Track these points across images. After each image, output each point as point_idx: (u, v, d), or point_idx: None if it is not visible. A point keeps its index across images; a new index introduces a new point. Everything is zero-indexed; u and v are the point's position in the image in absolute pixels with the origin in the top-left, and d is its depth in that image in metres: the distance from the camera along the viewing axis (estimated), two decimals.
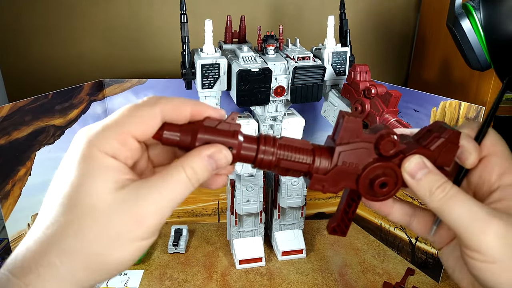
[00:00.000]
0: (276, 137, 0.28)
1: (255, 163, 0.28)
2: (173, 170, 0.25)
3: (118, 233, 0.23)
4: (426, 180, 0.27)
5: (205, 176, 0.26)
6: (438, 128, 0.28)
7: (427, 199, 0.27)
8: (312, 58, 0.66)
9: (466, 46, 0.53)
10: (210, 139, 0.26)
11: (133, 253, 0.24)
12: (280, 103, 0.69)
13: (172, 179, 0.25)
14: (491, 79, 0.68)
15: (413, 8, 0.98)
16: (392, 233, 0.83)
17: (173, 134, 0.26)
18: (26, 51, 0.93)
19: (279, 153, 0.28)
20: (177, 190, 0.25)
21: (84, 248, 0.23)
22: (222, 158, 0.26)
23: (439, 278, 0.73)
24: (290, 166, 0.28)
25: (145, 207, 0.24)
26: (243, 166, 0.73)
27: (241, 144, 0.27)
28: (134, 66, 0.96)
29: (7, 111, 0.61)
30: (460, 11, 0.52)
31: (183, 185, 0.25)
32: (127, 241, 0.24)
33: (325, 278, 0.74)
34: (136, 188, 0.24)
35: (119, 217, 0.23)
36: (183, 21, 0.62)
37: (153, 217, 0.24)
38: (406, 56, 1.03)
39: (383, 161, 0.28)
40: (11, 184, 0.63)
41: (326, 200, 0.92)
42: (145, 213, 0.24)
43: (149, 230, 0.24)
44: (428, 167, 0.27)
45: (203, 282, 0.73)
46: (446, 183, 0.26)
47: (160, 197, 0.24)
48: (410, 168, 0.27)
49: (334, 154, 0.28)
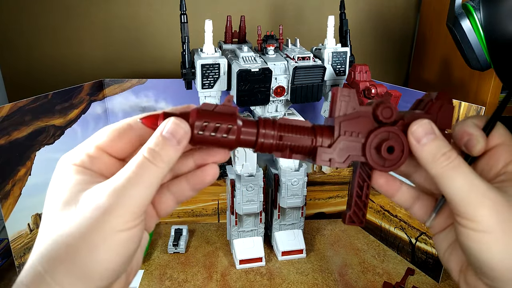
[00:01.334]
0: (276, 118, 0.28)
1: (255, 147, 0.27)
2: (135, 158, 0.25)
3: (90, 228, 0.23)
4: (432, 146, 0.26)
5: (169, 152, 0.25)
6: (428, 95, 0.29)
7: (430, 165, 0.26)
8: (312, 58, 0.66)
9: (466, 46, 0.53)
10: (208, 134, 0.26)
11: (113, 248, 0.24)
12: (280, 103, 0.69)
13: (134, 168, 0.25)
14: (491, 79, 0.68)
15: (413, 8, 0.98)
16: (392, 233, 0.83)
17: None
18: (26, 51, 0.93)
19: (280, 135, 0.27)
20: (141, 176, 0.24)
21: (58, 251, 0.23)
22: (176, 127, 0.25)
23: (439, 278, 0.73)
24: (293, 146, 0.27)
25: (108, 196, 0.24)
26: (243, 166, 0.73)
27: (240, 129, 0.26)
28: (134, 66, 0.96)
29: (7, 111, 0.61)
30: (460, 11, 0.52)
31: (145, 168, 0.25)
32: (99, 233, 0.23)
33: (325, 278, 0.74)
34: (104, 184, 0.25)
35: (87, 212, 0.24)
36: (183, 21, 0.62)
37: (119, 207, 0.24)
38: (406, 56, 1.03)
39: (383, 127, 0.27)
40: (11, 184, 0.63)
41: (326, 200, 0.92)
42: (110, 202, 0.24)
43: (120, 219, 0.24)
44: (435, 133, 0.27)
45: (203, 282, 0.73)
46: (451, 152, 0.26)
47: (123, 185, 0.24)
48: (418, 132, 0.27)
49: (335, 125, 0.27)
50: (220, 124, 0.26)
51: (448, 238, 0.30)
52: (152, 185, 0.25)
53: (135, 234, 0.25)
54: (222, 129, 0.26)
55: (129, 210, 0.24)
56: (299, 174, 0.75)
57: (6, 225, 0.63)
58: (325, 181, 0.91)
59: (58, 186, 0.25)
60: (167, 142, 0.25)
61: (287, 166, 0.76)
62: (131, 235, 0.24)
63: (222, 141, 0.26)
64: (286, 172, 0.75)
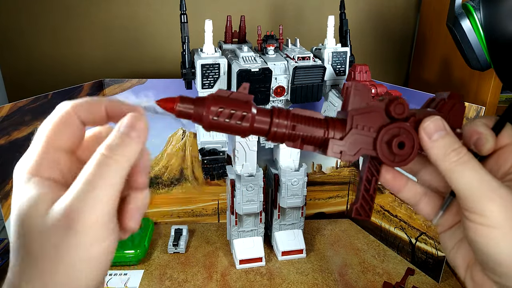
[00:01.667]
0: (290, 109, 0.28)
1: (268, 136, 0.27)
2: (93, 159, 0.23)
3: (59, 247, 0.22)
4: (442, 142, 0.27)
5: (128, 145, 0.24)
6: (440, 95, 0.29)
7: (440, 161, 0.27)
8: (312, 58, 0.66)
9: (466, 46, 0.53)
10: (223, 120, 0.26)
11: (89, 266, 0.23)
12: (280, 103, 0.69)
13: (94, 169, 0.23)
14: (491, 79, 0.68)
15: (413, 8, 0.98)
16: (392, 233, 0.83)
17: (186, 106, 0.26)
18: (26, 51, 0.93)
19: (293, 125, 0.27)
20: (99, 175, 0.23)
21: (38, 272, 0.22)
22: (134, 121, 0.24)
23: (439, 278, 0.73)
24: (305, 137, 0.28)
25: (69, 209, 0.22)
26: (243, 166, 0.73)
27: (254, 117, 0.27)
28: (134, 66, 0.96)
29: (7, 111, 0.61)
30: (460, 11, 0.52)
31: (104, 165, 0.23)
32: (71, 252, 0.22)
33: (325, 278, 0.74)
34: (63, 197, 0.23)
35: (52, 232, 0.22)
36: (183, 21, 0.62)
37: (83, 216, 0.22)
38: (406, 56, 1.03)
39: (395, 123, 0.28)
40: (11, 184, 0.63)
41: (326, 200, 0.92)
42: (72, 215, 0.22)
43: (87, 232, 0.22)
44: (446, 130, 0.27)
45: (203, 282, 0.73)
46: (461, 148, 0.26)
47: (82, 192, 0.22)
48: (429, 128, 0.27)
49: (348, 118, 0.28)
50: (235, 110, 0.26)
51: (455, 236, 0.30)
52: (116, 183, 0.23)
53: (107, 246, 0.23)
54: (237, 115, 0.26)
55: (96, 220, 0.22)
56: (299, 174, 0.75)
57: (6, 225, 0.63)
58: (325, 181, 0.91)
59: (17, 203, 0.24)
60: (127, 136, 0.24)
61: (287, 166, 0.76)
62: (104, 247, 0.23)
63: (236, 128, 0.26)
64: (286, 172, 0.75)
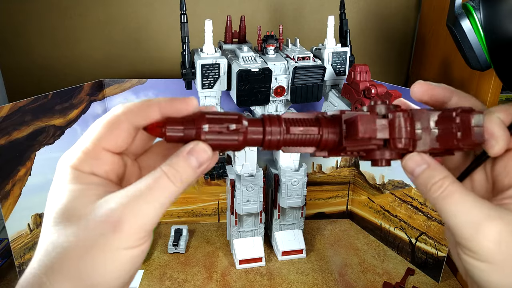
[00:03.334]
0: (280, 115, 0.28)
1: (263, 145, 0.27)
2: (153, 173, 0.24)
3: (97, 244, 0.22)
4: (422, 176, 0.26)
5: (189, 175, 0.25)
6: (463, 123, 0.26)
7: (425, 195, 0.26)
8: (312, 58, 0.66)
9: (466, 46, 0.53)
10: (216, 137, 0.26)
11: (120, 265, 0.23)
12: (280, 103, 0.69)
13: (151, 182, 0.24)
14: (491, 79, 0.68)
15: (413, 8, 0.98)
16: (392, 233, 0.83)
17: (175, 129, 0.25)
18: (26, 51, 0.93)
19: (286, 129, 0.27)
20: (157, 192, 0.24)
21: (70, 267, 0.22)
22: (202, 153, 0.25)
23: (439, 278, 0.73)
24: (300, 139, 0.27)
25: (120, 213, 0.23)
26: (243, 166, 0.73)
27: (247, 129, 0.26)
28: (134, 66, 0.96)
29: (7, 111, 0.61)
30: (460, 11, 0.52)
31: (164, 186, 0.24)
32: (108, 252, 0.22)
33: (325, 278, 0.74)
34: (114, 197, 0.24)
35: (96, 228, 0.23)
36: (183, 21, 0.62)
37: (130, 224, 0.23)
38: (406, 56, 1.03)
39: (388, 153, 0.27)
40: (11, 184, 0.63)
41: (326, 200, 0.92)
42: (121, 219, 0.23)
43: (130, 237, 0.23)
44: (427, 162, 0.26)
45: (203, 282, 0.73)
46: (444, 180, 0.25)
47: (137, 200, 0.23)
48: (408, 166, 0.27)
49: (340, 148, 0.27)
50: (226, 126, 0.26)
51: None
52: (166, 204, 0.24)
53: (143, 249, 0.24)
54: (229, 132, 0.26)
55: (141, 228, 0.23)
56: (299, 174, 0.75)
57: (6, 225, 0.63)
58: (325, 181, 0.91)
59: (58, 194, 0.24)
60: (190, 164, 0.25)
61: (287, 166, 0.76)
62: (139, 252, 0.24)
63: (230, 142, 0.26)
64: (286, 172, 0.75)
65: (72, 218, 0.23)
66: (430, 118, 0.27)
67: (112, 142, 0.26)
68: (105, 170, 0.25)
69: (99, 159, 0.25)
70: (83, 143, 0.25)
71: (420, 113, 0.27)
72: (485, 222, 0.23)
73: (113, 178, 0.26)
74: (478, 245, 0.24)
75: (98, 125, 0.25)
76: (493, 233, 0.23)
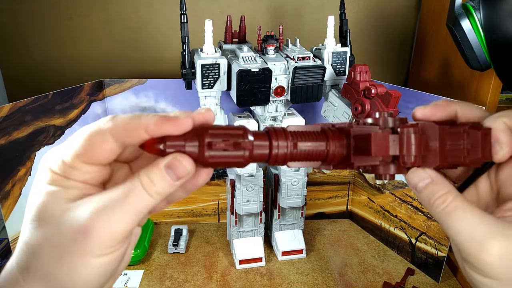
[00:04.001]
0: (285, 128, 0.27)
1: (269, 161, 0.26)
2: (130, 182, 0.24)
3: (67, 249, 0.22)
4: (425, 192, 0.26)
5: (165, 188, 0.24)
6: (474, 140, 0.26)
7: (428, 209, 0.26)
8: (312, 58, 0.66)
9: (466, 46, 0.53)
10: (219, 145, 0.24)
11: (90, 272, 0.23)
12: (280, 103, 0.69)
13: (125, 190, 0.23)
14: (491, 79, 0.68)
15: (413, 8, 0.98)
16: (392, 233, 0.83)
17: (176, 145, 0.24)
18: (26, 51, 0.93)
19: (293, 144, 0.26)
20: (131, 201, 0.23)
21: (42, 269, 0.23)
22: (180, 168, 0.24)
23: (439, 278, 0.73)
24: (307, 153, 0.26)
25: (92, 219, 0.22)
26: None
27: (253, 144, 0.25)
28: (134, 66, 0.96)
29: (7, 111, 0.61)
30: (460, 11, 0.52)
31: (139, 196, 0.23)
32: (78, 258, 0.22)
33: (325, 278, 0.74)
34: (88, 202, 0.23)
35: (67, 233, 0.22)
36: (183, 21, 0.62)
37: (102, 230, 0.22)
38: (406, 56, 1.03)
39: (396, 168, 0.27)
40: (11, 184, 0.63)
41: (326, 200, 0.92)
42: (92, 225, 0.22)
43: (101, 245, 0.23)
44: (431, 177, 0.26)
45: (203, 282, 0.73)
46: (447, 194, 0.25)
47: (109, 208, 0.23)
48: (412, 181, 0.27)
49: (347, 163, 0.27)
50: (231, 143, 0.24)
51: None
52: (140, 214, 0.24)
53: (116, 256, 0.24)
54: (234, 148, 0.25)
55: (111, 237, 0.23)
56: (299, 174, 0.75)
57: (6, 225, 0.63)
58: (325, 181, 0.91)
59: (36, 194, 0.24)
60: (166, 177, 0.24)
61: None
62: (112, 258, 0.24)
63: (234, 162, 0.25)
64: (286, 172, 0.75)
65: (45, 219, 0.23)
66: (438, 134, 0.26)
67: (93, 158, 0.24)
68: (83, 179, 0.25)
69: (77, 170, 0.24)
70: (64, 151, 0.24)
71: (429, 128, 0.26)
72: (488, 239, 0.23)
73: (94, 183, 0.25)
74: (482, 262, 0.24)
75: (81, 136, 0.24)
76: (496, 250, 0.23)
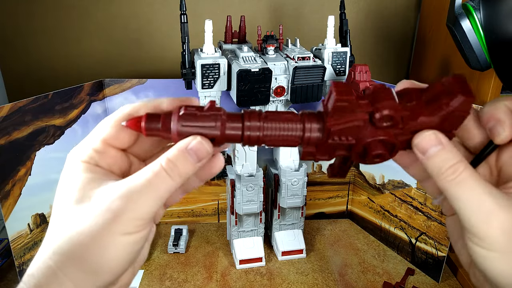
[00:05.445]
0: (262, 111, 0.27)
1: (243, 141, 0.27)
2: (152, 166, 0.25)
3: (100, 230, 0.24)
4: (437, 159, 0.25)
5: (187, 169, 0.25)
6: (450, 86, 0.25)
7: (436, 178, 0.25)
8: (312, 58, 0.66)
9: (466, 46, 0.53)
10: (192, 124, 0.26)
11: (120, 249, 0.25)
12: (280, 103, 0.69)
13: (150, 176, 0.25)
14: (491, 79, 0.68)
15: (413, 8, 0.98)
16: (392, 233, 0.83)
17: (153, 120, 0.26)
18: (26, 51, 0.93)
19: (266, 126, 0.26)
20: (154, 186, 0.25)
21: (74, 250, 0.24)
22: (202, 149, 0.26)
23: (439, 278, 0.73)
24: (280, 140, 0.27)
25: (119, 202, 0.24)
26: (243, 166, 0.73)
27: (225, 124, 0.26)
28: (134, 66, 0.96)
29: (7, 111, 0.61)
30: (460, 11, 0.52)
31: (162, 180, 0.25)
32: (109, 235, 0.24)
33: (325, 278, 0.74)
34: (116, 186, 0.25)
35: (99, 214, 0.24)
36: (183, 21, 0.62)
37: (128, 213, 0.24)
38: (406, 56, 1.03)
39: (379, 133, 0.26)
40: (11, 184, 0.63)
41: (326, 200, 0.92)
42: (120, 208, 0.24)
43: (129, 224, 0.24)
44: (443, 143, 0.25)
45: (203, 282, 0.73)
46: (459, 164, 0.24)
47: (135, 193, 0.24)
48: (421, 145, 0.25)
49: (325, 132, 0.26)
50: (203, 121, 0.26)
51: (459, 225, 0.29)
52: (164, 196, 0.25)
53: (141, 236, 0.25)
54: (206, 126, 0.26)
55: (138, 217, 0.25)
56: (299, 174, 0.75)
57: (6, 225, 0.63)
58: (325, 181, 0.91)
59: (69, 184, 0.26)
60: (188, 158, 0.25)
61: (287, 166, 0.76)
62: (138, 237, 0.25)
63: (209, 134, 0.26)
64: (286, 172, 0.75)
65: (80, 206, 0.25)
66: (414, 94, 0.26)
67: (117, 139, 0.27)
68: (107, 163, 0.27)
69: (103, 153, 0.27)
70: (91, 140, 0.27)
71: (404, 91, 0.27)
72: (496, 211, 0.23)
73: (116, 171, 0.28)
74: (487, 233, 0.24)
75: (106, 123, 0.27)
76: (502, 222, 0.23)
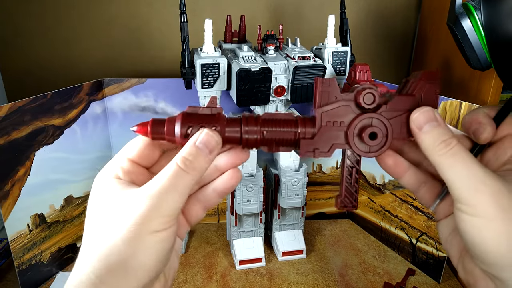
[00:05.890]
0: (259, 115, 0.29)
1: (242, 144, 0.28)
2: (169, 167, 0.27)
3: (125, 231, 0.25)
4: (432, 133, 0.27)
5: (201, 161, 0.27)
6: (414, 75, 0.29)
7: (430, 152, 0.27)
8: (313, 57, 0.65)
9: (466, 45, 0.52)
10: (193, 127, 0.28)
11: (151, 247, 0.26)
12: (280, 103, 0.69)
13: (169, 176, 0.26)
14: (491, 79, 0.67)
15: (414, 8, 0.98)
16: (393, 234, 0.82)
17: (158, 124, 0.28)
18: (25, 51, 0.93)
19: (263, 129, 0.28)
20: (174, 185, 0.26)
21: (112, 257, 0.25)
22: (210, 139, 0.27)
23: (440, 278, 0.73)
24: (277, 139, 0.28)
25: (145, 205, 0.26)
26: (243, 166, 0.73)
27: (224, 128, 0.28)
28: (134, 65, 0.96)
29: (6, 111, 0.61)
30: (461, 10, 0.52)
31: (180, 178, 0.26)
32: (141, 237, 0.25)
33: (325, 279, 0.74)
34: (136, 190, 0.27)
35: (122, 217, 0.26)
36: (183, 20, 0.62)
37: (155, 213, 0.26)
38: (406, 56, 1.03)
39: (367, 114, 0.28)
40: (11, 184, 0.63)
41: (326, 200, 0.92)
42: (147, 209, 0.25)
43: (157, 221, 0.26)
44: (438, 120, 0.27)
45: (203, 282, 0.73)
46: (452, 139, 0.26)
47: (159, 194, 0.26)
48: (419, 120, 0.27)
49: (317, 116, 0.28)
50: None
51: (450, 224, 0.30)
52: (185, 191, 0.27)
53: (169, 234, 0.27)
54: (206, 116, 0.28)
55: (163, 214, 0.26)
56: (299, 174, 0.75)
57: (6, 225, 0.63)
58: (325, 181, 0.90)
59: (102, 197, 0.28)
60: (200, 152, 0.27)
61: (287, 166, 0.76)
62: (165, 235, 0.26)
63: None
64: (286, 172, 0.74)
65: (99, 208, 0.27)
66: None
67: (145, 159, 0.30)
68: (137, 178, 0.29)
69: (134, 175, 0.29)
70: (120, 161, 0.30)
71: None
72: (485, 179, 0.25)
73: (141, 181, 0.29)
74: (476, 200, 0.25)
75: (135, 144, 0.30)
76: (491, 188, 0.25)
